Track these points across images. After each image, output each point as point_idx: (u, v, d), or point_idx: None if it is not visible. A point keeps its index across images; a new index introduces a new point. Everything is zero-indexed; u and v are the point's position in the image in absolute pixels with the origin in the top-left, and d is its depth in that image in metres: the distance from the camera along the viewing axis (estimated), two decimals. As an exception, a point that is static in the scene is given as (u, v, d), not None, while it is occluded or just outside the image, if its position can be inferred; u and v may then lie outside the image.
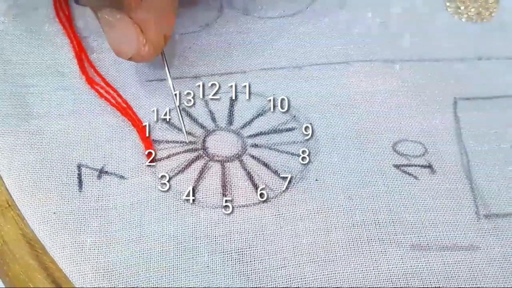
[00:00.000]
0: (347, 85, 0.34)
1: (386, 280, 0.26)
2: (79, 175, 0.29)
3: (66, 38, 0.34)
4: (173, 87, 0.31)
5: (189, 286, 0.25)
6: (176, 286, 0.25)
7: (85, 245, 0.26)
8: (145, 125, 0.31)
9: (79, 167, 0.29)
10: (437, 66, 0.35)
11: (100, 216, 0.27)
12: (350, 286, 0.26)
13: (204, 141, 0.31)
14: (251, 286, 0.26)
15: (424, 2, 0.39)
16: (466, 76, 0.34)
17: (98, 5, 0.29)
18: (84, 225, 0.27)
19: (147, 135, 0.30)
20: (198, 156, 0.30)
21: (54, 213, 0.27)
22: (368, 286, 0.26)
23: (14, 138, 0.30)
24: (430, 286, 0.26)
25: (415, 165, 0.30)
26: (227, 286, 0.25)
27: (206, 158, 0.30)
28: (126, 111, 0.31)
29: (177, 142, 0.30)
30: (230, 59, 0.35)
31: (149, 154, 0.29)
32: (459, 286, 0.26)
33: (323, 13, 0.38)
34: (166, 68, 0.31)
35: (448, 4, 0.39)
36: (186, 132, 0.30)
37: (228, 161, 0.30)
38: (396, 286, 0.26)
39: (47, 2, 0.36)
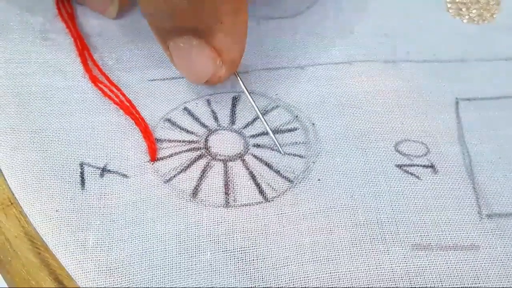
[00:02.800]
0: (349, 85, 0.34)
1: (389, 280, 0.26)
2: (82, 174, 0.29)
3: (69, 37, 0.35)
4: (253, 100, 0.31)
5: (192, 284, 0.25)
6: (179, 284, 0.25)
7: (88, 243, 0.26)
8: (148, 124, 0.31)
9: (81, 165, 0.29)
10: (438, 67, 0.35)
11: (103, 214, 0.27)
12: (353, 285, 0.26)
13: (206, 140, 0.31)
14: (254, 285, 0.25)
15: (426, 3, 0.39)
16: (468, 77, 0.35)
17: (170, 34, 0.28)
18: (87, 223, 0.27)
19: (150, 133, 0.30)
20: (200, 155, 0.30)
21: (56, 211, 0.27)
22: (370, 286, 0.26)
23: (16, 136, 0.30)
24: (433, 286, 0.26)
25: (418, 165, 0.30)
26: (230, 284, 0.25)
27: (209, 157, 0.30)
28: (129, 109, 0.31)
29: (180, 141, 0.30)
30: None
31: (152, 152, 0.29)
32: (462, 286, 0.26)
33: (324, 13, 0.38)
34: (241, 82, 0.31)
35: (449, 5, 0.39)
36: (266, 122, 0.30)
37: (231, 160, 0.30)
38: (398, 286, 0.26)
39: (49, 0, 0.36)
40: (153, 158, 0.29)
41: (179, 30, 0.28)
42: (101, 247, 0.26)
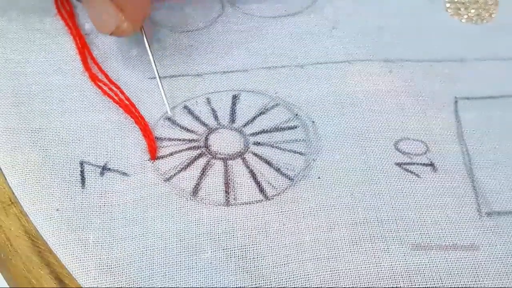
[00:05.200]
0: (349, 84, 0.34)
1: (389, 278, 0.26)
2: (82, 172, 0.29)
3: (68, 35, 0.35)
4: (154, 62, 0.32)
5: (193, 283, 0.25)
6: (179, 283, 0.25)
7: (88, 242, 0.26)
8: (148, 122, 0.31)
9: (81, 164, 0.29)
10: (437, 66, 0.35)
11: (103, 213, 0.27)
12: (353, 284, 0.26)
13: (206, 138, 0.31)
14: (254, 283, 0.26)
15: (424, 2, 0.39)
16: (467, 76, 0.35)
17: None
18: (87, 222, 0.27)
19: (150, 132, 0.30)
20: (200, 153, 0.30)
21: (57, 210, 0.27)
22: (370, 284, 0.26)
23: (16, 135, 0.30)
24: (433, 285, 0.26)
25: (417, 163, 0.30)
26: (230, 282, 0.25)
27: (209, 155, 0.30)
28: (129, 108, 0.31)
29: (180, 139, 0.30)
30: (231, 57, 0.35)
31: (152, 151, 0.29)
32: (461, 285, 0.26)
33: (324, 12, 0.38)
34: (146, 42, 0.32)
35: (448, 5, 0.39)
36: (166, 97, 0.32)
37: (231, 158, 0.30)
38: (398, 284, 0.26)
39: (49, -1, 0.36)
40: (153, 156, 0.29)
41: None
42: (101, 245, 0.26)
